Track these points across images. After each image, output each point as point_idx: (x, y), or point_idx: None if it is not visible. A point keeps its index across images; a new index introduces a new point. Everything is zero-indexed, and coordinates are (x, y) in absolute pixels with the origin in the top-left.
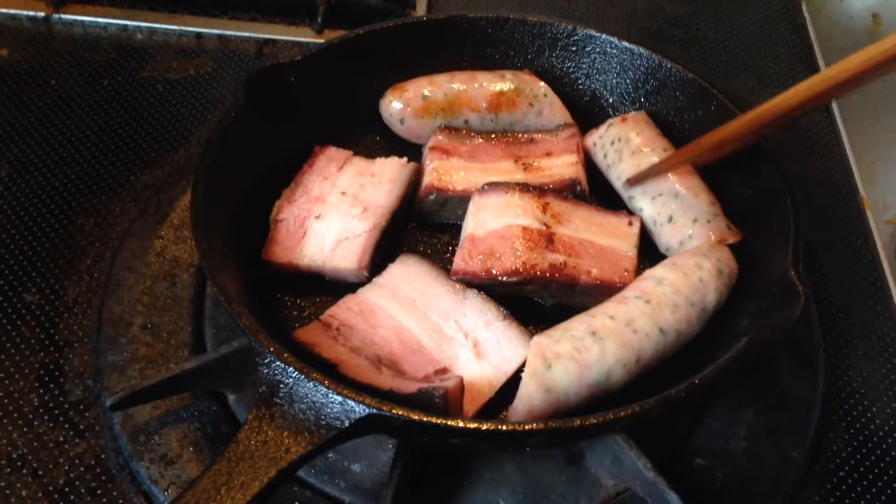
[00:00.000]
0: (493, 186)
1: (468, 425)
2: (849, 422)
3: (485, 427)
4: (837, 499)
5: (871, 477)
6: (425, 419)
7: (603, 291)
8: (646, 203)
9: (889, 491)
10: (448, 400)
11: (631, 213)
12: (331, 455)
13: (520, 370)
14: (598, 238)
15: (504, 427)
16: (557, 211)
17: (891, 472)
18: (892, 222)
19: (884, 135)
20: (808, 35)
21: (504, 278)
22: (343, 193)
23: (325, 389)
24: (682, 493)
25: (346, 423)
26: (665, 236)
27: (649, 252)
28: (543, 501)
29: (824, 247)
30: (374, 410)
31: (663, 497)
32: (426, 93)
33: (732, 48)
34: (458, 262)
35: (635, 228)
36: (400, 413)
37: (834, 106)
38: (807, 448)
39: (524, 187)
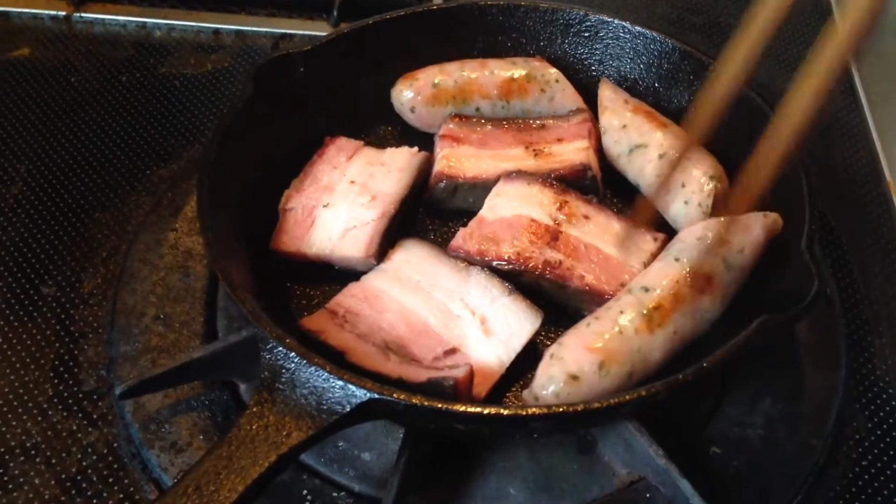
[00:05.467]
0: (519, 175)
1: (471, 410)
2: (872, 410)
3: (486, 412)
4: (859, 488)
5: (895, 467)
6: (426, 403)
7: (594, 300)
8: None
9: None
10: (458, 389)
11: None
12: (340, 444)
13: (529, 344)
14: (607, 246)
15: (506, 412)
16: (575, 211)
17: None
18: None
19: None
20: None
21: (495, 264)
22: (352, 182)
23: (326, 374)
24: (696, 481)
25: (348, 408)
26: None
27: None
28: (555, 490)
29: (848, 233)
30: (375, 395)
31: (675, 485)
32: (437, 81)
33: None
34: (458, 238)
35: (653, 246)
36: (401, 398)
37: (860, 90)
38: (827, 437)
39: (547, 182)
